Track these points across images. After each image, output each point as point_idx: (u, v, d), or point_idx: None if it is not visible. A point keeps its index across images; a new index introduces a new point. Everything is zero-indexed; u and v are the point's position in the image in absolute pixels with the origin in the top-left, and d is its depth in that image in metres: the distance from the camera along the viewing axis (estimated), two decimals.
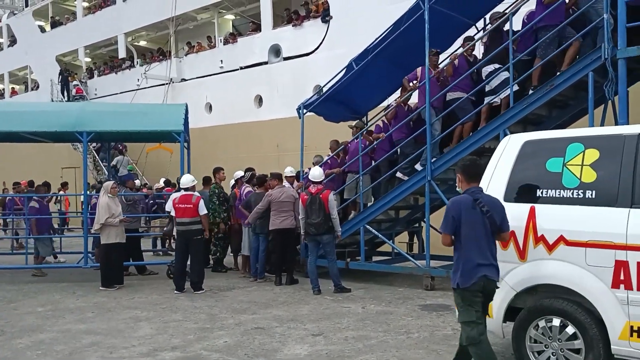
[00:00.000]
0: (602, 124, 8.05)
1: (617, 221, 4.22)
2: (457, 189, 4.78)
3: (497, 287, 4.52)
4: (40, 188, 12.46)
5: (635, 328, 4.12)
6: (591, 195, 4.44)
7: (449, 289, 5.28)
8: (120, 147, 19.79)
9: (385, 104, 11.67)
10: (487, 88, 8.68)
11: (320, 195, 8.79)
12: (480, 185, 5.02)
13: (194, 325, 7.02)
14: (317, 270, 8.98)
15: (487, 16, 9.76)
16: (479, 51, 9.49)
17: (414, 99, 9.82)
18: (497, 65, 8.52)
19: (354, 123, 11.10)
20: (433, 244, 8.57)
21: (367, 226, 9.73)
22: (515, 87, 8.16)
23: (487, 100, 8.57)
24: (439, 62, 9.57)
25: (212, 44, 21.39)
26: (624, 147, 4.38)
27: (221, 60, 20.01)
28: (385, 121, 10.47)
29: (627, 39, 6.93)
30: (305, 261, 9.56)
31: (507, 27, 8.60)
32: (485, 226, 4.42)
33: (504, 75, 8.40)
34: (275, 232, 9.56)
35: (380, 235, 9.94)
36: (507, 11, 9.17)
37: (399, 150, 9.85)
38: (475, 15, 9.83)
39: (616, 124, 7.31)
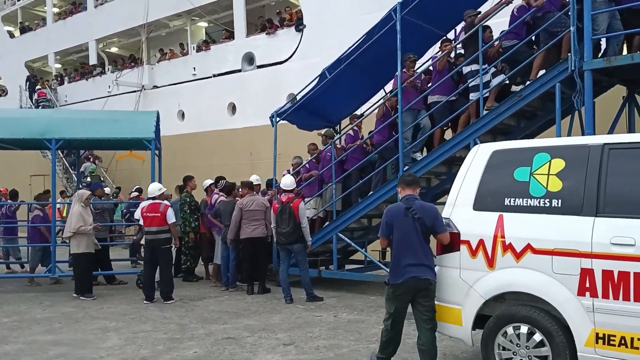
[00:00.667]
0: (569, 134, 8.20)
1: (583, 230, 4.30)
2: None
3: (431, 285, 4.94)
4: (42, 196, 12.20)
5: (600, 335, 4.19)
6: (557, 204, 4.51)
7: None
8: (89, 156, 19.50)
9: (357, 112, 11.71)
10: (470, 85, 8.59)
11: (291, 204, 8.78)
12: (451, 193, 5.15)
13: (163, 335, 6.93)
14: (289, 279, 8.95)
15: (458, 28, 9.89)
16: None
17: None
18: (474, 67, 8.45)
19: (323, 131, 11.10)
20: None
21: (340, 234, 9.74)
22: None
23: (472, 97, 8.48)
24: (417, 67, 9.63)
25: (184, 51, 21.27)
26: (588, 157, 4.46)
27: (194, 68, 19.90)
28: (357, 129, 10.48)
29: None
30: (278, 270, 9.52)
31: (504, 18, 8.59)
32: (416, 230, 4.94)
33: (485, 77, 8.37)
34: (247, 241, 9.49)
35: (352, 244, 9.96)
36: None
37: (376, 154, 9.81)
38: (447, 26, 9.95)
39: (583, 134, 7.46)
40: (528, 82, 7.85)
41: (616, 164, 4.35)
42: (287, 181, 9.11)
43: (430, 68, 9.50)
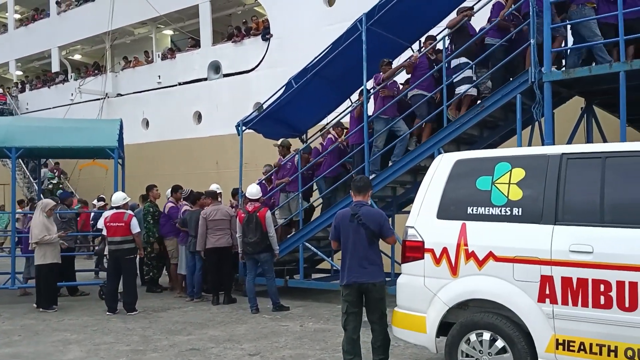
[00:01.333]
0: (529, 144, 8.39)
1: (542, 237, 4.40)
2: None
3: (375, 286, 5.23)
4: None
5: (560, 341, 4.28)
6: (518, 212, 4.60)
7: (388, 305, 5.36)
8: (55, 170, 19.05)
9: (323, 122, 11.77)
10: (456, 79, 8.49)
11: (257, 214, 8.72)
12: (415, 202, 5.21)
13: (126, 347, 6.80)
14: (255, 289, 8.90)
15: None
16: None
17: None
18: (462, 60, 8.37)
19: (279, 142, 11.03)
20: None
21: (307, 243, 9.74)
22: (474, 90, 8.42)
23: (457, 91, 8.42)
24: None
25: (149, 59, 21.07)
26: (547, 166, 4.57)
27: (159, 76, 19.71)
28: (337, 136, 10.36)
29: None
30: (244, 280, 9.45)
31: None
32: (361, 235, 5.22)
33: (467, 72, 8.37)
34: (211, 251, 9.39)
35: (319, 253, 9.96)
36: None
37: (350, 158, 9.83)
38: (412, 37, 10.09)
39: (542, 144, 7.64)
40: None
41: (574, 173, 4.47)
42: (253, 190, 9.03)
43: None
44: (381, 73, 9.19)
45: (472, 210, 4.83)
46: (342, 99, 11.12)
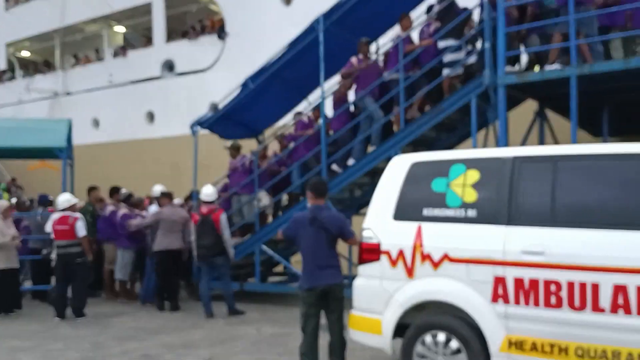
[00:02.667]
0: (484, 147, 8.51)
1: (495, 238, 4.45)
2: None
3: (336, 287, 5.25)
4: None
5: (513, 341, 4.33)
6: (472, 214, 4.64)
7: (344, 307, 5.34)
8: (12, 186, 18.24)
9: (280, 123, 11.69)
10: (446, 60, 8.27)
11: (212, 216, 8.56)
12: (372, 203, 5.22)
13: (76, 354, 6.58)
14: (210, 293, 8.74)
15: None
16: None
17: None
18: (450, 42, 8.14)
19: (228, 143, 10.84)
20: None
21: (263, 246, 9.64)
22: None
23: (444, 73, 8.24)
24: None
25: (100, 57, 20.57)
26: (501, 168, 4.64)
27: (110, 74, 19.25)
28: (312, 117, 10.12)
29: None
30: (198, 284, 9.26)
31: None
32: (321, 239, 5.20)
33: (456, 55, 8.14)
34: (164, 254, 9.12)
35: (276, 256, 9.87)
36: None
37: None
38: (370, 38, 10.11)
39: (497, 146, 7.77)
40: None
41: (526, 175, 4.54)
42: (208, 191, 8.86)
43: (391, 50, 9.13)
44: (360, 55, 9.03)
45: (428, 211, 4.85)
46: (299, 99, 11.06)
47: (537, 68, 8.02)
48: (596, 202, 4.35)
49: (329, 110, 9.87)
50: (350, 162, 8.99)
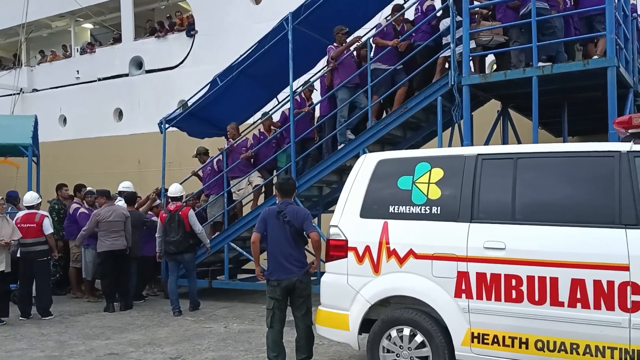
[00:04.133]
0: (449, 145, 8.67)
1: (459, 235, 4.56)
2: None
3: (301, 283, 5.38)
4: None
5: (475, 334, 4.45)
6: (437, 211, 4.75)
7: (315, 304, 5.39)
8: None
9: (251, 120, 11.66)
10: (444, 41, 8.10)
11: (180, 212, 8.57)
12: (339, 201, 5.28)
13: (40, 353, 6.50)
14: (177, 291, 8.71)
15: None
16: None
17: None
18: (458, 18, 7.71)
19: (195, 152, 10.78)
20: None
21: (232, 244, 9.63)
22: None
23: (442, 52, 8.06)
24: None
25: (67, 53, 20.17)
26: (464, 166, 4.75)
27: (77, 71, 18.90)
28: (304, 97, 9.92)
29: None
30: (167, 282, 9.20)
31: None
32: (286, 232, 5.37)
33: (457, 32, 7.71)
34: (108, 254, 8.94)
35: (245, 253, 9.87)
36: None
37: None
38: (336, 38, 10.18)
39: (462, 145, 7.92)
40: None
41: (488, 173, 4.66)
42: (174, 189, 8.89)
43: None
44: (334, 44, 9.02)
45: (394, 209, 4.93)
46: (269, 98, 11.07)
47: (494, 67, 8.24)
48: (555, 199, 4.50)
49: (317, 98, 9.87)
50: (340, 146, 8.86)
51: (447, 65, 8.12)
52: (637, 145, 4.28)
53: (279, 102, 10.58)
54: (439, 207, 4.74)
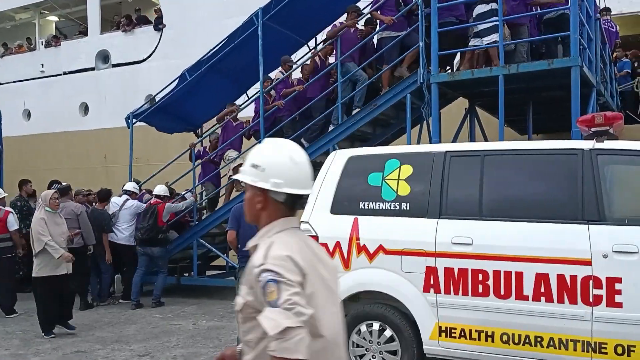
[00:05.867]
0: (418, 142, 8.75)
1: (428, 231, 4.63)
2: None
3: None
4: None
5: (443, 328, 4.53)
6: (406, 207, 4.81)
7: None
8: None
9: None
10: (475, 30, 7.71)
11: (157, 206, 8.85)
12: (310, 197, 5.24)
13: (5, 352, 6.38)
14: (142, 285, 8.73)
15: None
16: None
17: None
18: (493, 5, 7.36)
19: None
20: None
21: (201, 240, 9.57)
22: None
23: (472, 43, 7.71)
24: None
25: (32, 46, 19.71)
26: (433, 163, 4.82)
27: (42, 64, 18.50)
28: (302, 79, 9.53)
29: None
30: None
31: None
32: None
33: (494, 19, 7.33)
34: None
35: (214, 249, 9.83)
36: None
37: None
38: (308, 34, 10.20)
39: (430, 142, 8.01)
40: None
41: (456, 170, 4.74)
42: (159, 189, 9.25)
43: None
44: (341, 21, 8.90)
45: (364, 205, 4.98)
46: (239, 93, 11.00)
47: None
48: (521, 196, 4.60)
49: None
50: (331, 128, 8.65)
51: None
52: (600, 143, 4.40)
53: (249, 98, 10.48)
54: (408, 204, 4.80)
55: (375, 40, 8.67)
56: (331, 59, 9.20)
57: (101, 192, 9.62)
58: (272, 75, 9.81)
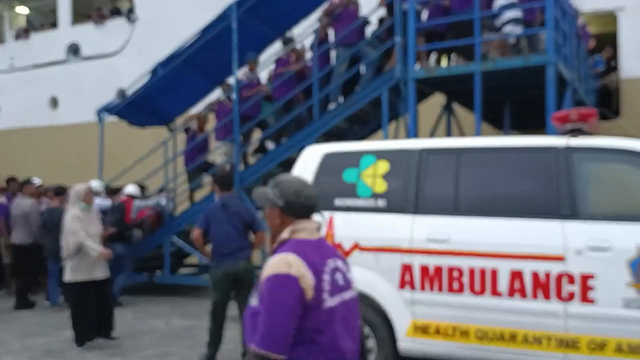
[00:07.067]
0: (396, 138, 8.73)
1: (403, 227, 4.59)
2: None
3: (247, 272, 5.53)
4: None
5: (418, 325, 4.50)
6: (382, 203, 4.77)
7: None
8: None
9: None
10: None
11: (125, 204, 8.79)
12: None
13: None
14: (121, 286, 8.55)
15: None
16: None
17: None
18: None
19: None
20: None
21: (174, 237, 9.43)
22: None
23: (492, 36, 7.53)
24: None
25: (1, 39, 19.25)
26: (409, 160, 4.78)
27: (12, 57, 18.08)
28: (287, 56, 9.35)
29: None
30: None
31: None
32: (232, 224, 5.48)
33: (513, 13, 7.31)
34: (16, 248, 8.74)
35: (187, 247, 9.67)
36: None
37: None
38: (282, 28, 10.08)
39: (407, 138, 7.99)
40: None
41: (432, 166, 4.71)
42: (130, 188, 9.22)
43: None
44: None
45: (340, 201, 4.93)
46: (212, 87, 10.86)
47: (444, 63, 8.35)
48: (496, 192, 4.59)
49: None
50: (332, 106, 8.48)
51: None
52: (574, 140, 4.41)
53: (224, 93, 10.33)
54: (384, 200, 4.76)
55: None
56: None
57: (56, 188, 9.05)
58: (240, 73, 9.61)
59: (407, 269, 4.53)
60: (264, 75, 10.00)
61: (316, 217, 2.50)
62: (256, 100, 9.17)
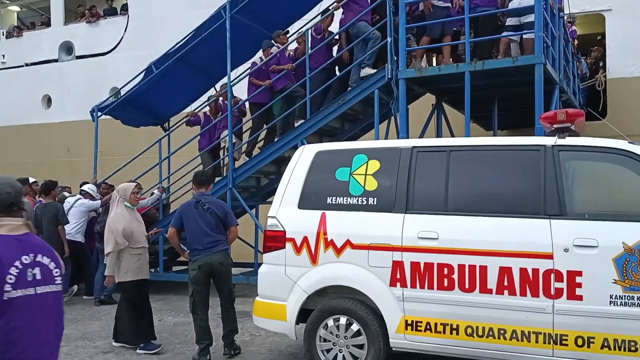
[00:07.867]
0: (386, 138, 8.80)
1: (394, 225, 4.66)
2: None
3: (222, 266, 5.64)
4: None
5: (409, 322, 4.58)
6: (373, 202, 4.84)
7: (249, 295, 5.42)
8: None
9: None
10: (509, 22, 7.78)
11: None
12: (277, 192, 5.31)
13: None
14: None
15: None
16: None
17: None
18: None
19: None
20: (236, 252, 8.59)
21: (166, 235, 9.44)
22: None
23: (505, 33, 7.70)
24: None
25: None
26: (400, 158, 4.85)
27: (3, 55, 18.02)
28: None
29: None
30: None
31: None
32: (206, 220, 5.61)
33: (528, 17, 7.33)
34: None
35: (180, 245, 9.70)
36: None
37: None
38: (276, 28, 10.12)
39: (397, 137, 8.07)
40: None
41: (423, 165, 4.79)
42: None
43: None
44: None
45: (332, 200, 4.99)
46: (207, 86, 10.89)
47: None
48: (485, 191, 4.67)
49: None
50: (367, 71, 8.13)
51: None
52: (562, 140, 4.50)
53: (217, 92, 10.37)
54: (375, 198, 4.83)
55: None
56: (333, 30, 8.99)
57: (44, 185, 9.03)
58: (256, 59, 9.64)
59: (398, 266, 4.60)
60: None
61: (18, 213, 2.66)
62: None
